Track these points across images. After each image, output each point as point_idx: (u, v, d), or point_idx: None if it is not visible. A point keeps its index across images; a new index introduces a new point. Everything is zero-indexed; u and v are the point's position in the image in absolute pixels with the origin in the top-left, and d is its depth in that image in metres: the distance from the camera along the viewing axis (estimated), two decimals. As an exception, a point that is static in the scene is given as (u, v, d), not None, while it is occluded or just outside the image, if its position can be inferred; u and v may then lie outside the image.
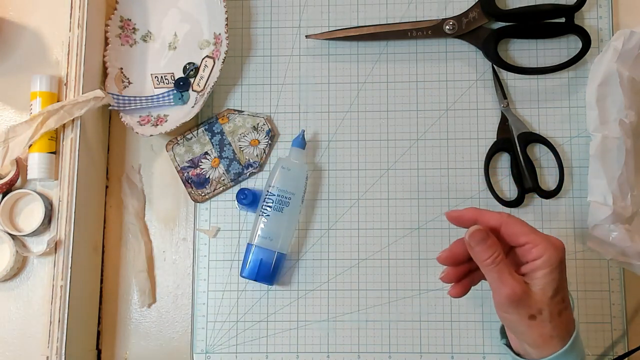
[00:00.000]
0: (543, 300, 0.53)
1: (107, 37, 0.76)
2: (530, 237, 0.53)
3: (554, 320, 0.53)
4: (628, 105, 0.69)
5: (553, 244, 0.53)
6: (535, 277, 0.53)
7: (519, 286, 0.52)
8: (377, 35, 0.74)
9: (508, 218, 0.54)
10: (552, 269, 0.52)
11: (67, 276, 0.65)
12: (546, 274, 0.52)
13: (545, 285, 0.53)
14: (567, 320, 0.54)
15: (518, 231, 0.54)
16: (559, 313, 0.53)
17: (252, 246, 0.70)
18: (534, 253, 0.53)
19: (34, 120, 0.65)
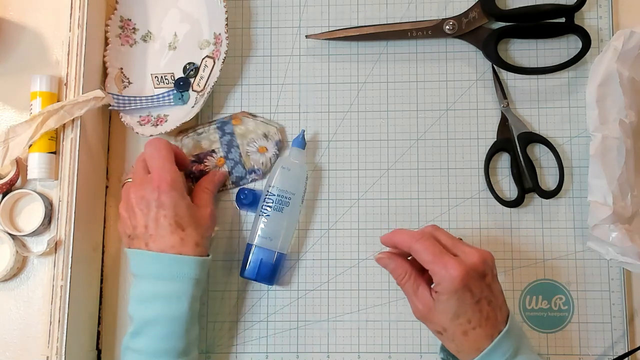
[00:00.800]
0: (444, 321, 0.58)
1: (107, 37, 0.76)
2: (430, 265, 0.58)
3: (457, 339, 0.58)
4: (628, 105, 0.69)
5: (448, 275, 0.56)
6: (438, 300, 0.58)
7: (420, 306, 0.59)
8: (377, 35, 0.74)
9: (416, 242, 0.59)
10: (449, 297, 0.57)
11: (67, 276, 0.65)
12: (445, 300, 0.57)
13: (445, 309, 0.58)
14: (476, 338, 0.58)
15: (422, 259, 0.58)
16: (464, 333, 0.58)
17: (252, 246, 0.70)
18: (434, 279, 0.58)
19: (34, 120, 0.65)
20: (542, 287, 0.71)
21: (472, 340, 0.58)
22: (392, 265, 0.61)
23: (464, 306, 0.57)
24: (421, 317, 0.60)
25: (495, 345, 0.57)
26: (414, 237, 0.59)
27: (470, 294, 0.57)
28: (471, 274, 0.57)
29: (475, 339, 0.58)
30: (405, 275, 0.61)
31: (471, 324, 0.58)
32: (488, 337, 0.58)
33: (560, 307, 0.71)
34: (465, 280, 0.57)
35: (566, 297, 0.71)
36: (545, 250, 0.72)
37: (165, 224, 0.63)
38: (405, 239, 0.60)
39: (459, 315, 0.57)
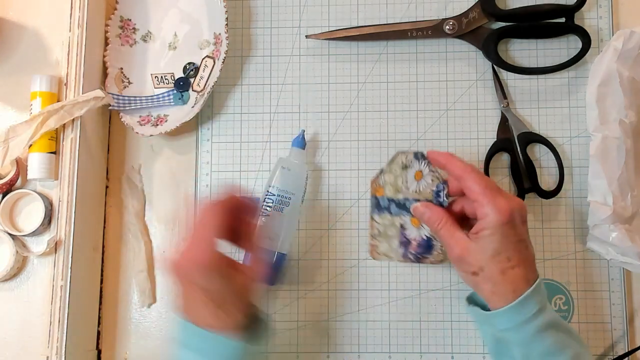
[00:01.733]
0: (483, 258, 0.57)
1: (107, 37, 0.76)
2: (479, 197, 0.58)
3: (494, 277, 0.57)
4: (628, 105, 0.69)
5: (497, 208, 0.57)
6: (479, 237, 0.58)
7: (456, 247, 0.59)
8: (377, 35, 0.74)
9: (469, 173, 0.59)
10: (493, 231, 0.57)
11: (67, 276, 0.65)
12: (487, 235, 0.57)
13: (485, 245, 0.57)
14: (514, 279, 0.57)
15: (471, 188, 0.58)
16: (502, 271, 0.57)
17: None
18: (479, 213, 0.58)
19: (34, 120, 0.65)
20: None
21: (509, 281, 0.57)
22: (428, 213, 0.62)
23: (506, 243, 0.57)
24: (457, 258, 0.59)
25: (533, 290, 0.56)
26: (466, 167, 0.59)
27: (514, 232, 0.57)
28: (516, 213, 0.57)
29: (513, 279, 0.57)
30: (441, 221, 0.61)
31: (510, 262, 0.57)
32: (525, 280, 0.57)
33: (560, 307, 0.71)
34: (511, 216, 0.57)
35: (566, 297, 0.71)
36: (545, 250, 0.72)
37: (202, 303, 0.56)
38: (458, 165, 0.60)
39: (500, 252, 0.57)
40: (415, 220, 0.69)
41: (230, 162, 0.75)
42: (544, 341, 0.56)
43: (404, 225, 0.69)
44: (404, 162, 0.68)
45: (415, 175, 0.68)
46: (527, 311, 0.56)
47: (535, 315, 0.56)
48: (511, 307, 0.56)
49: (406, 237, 0.69)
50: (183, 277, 0.56)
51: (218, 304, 0.56)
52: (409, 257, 0.68)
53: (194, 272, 0.55)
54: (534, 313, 0.56)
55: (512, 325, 0.57)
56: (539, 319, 0.56)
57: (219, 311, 0.56)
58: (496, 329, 0.58)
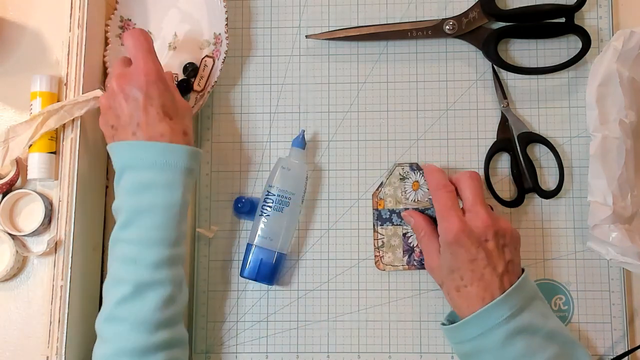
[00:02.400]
0: (442, 274, 0.63)
1: (107, 37, 0.76)
2: (437, 215, 0.64)
3: (451, 294, 0.62)
4: (628, 105, 0.69)
5: (444, 228, 0.62)
6: (440, 253, 0.63)
7: (429, 258, 0.65)
8: (377, 35, 0.74)
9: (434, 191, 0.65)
10: (444, 249, 0.62)
11: (67, 276, 0.65)
12: (442, 252, 0.63)
13: (443, 262, 0.63)
14: (467, 297, 0.60)
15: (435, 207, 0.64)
16: (457, 289, 0.61)
17: (252, 246, 0.70)
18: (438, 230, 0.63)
19: (34, 120, 0.65)
20: (542, 287, 0.71)
21: (463, 298, 0.61)
22: (413, 222, 0.68)
23: (457, 262, 0.61)
24: (428, 268, 0.66)
25: (487, 309, 0.58)
26: (438, 184, 0.65)
27: (464, 251, 0.60)
28: (467, 233, 0.60)
29: (466, 297, 0.60)
30: (423, 231, 0.66)
31: (463, 281, 0.60)
32: (479, 298, 0.59)
33: (560, 307, 0.71)
34: (457, 237, 0.60)
35: (566, 297, 0.71)
36: (545, 250, 0.72)
37: (154, 113, 0.62)
38: (430, 180, 0.66)
39: (453, 270, 0.61)
40: None
41: (230, 162, 0.75)
42: (515, 346, 0.58)
43: (406, 234, 0.71)
44: (401, 174, 0.71)
45: (412, 185, 0.71)
46: (489, 322, 0.58)
47: (500, 324, 0.58)
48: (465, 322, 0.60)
49: (409, 245, 0.71)
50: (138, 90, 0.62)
51: (167, 114, 0.63)
52: (413, 264, 0.71)
53: (147, 82, 0.62)
54: (498, 322, 0.58)
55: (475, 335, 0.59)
56: (510, 323, 0.58)
57: (168, 121, 0.62)
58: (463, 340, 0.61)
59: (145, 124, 0.61)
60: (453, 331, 0.62)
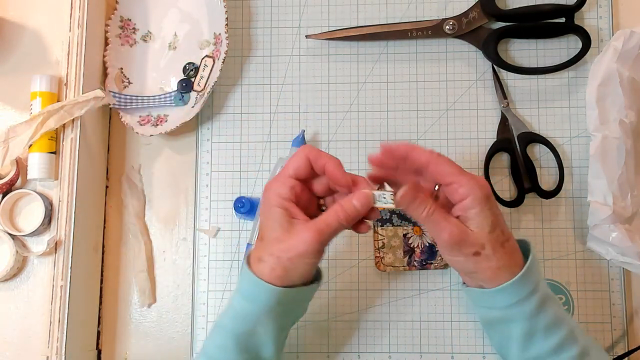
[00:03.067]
0: (482, 236, 0.55)
1: (107, 37, 0.76)
2: (456, 177, 0.55)
3: (497, 252, 0.55)
4: (628, 105, 0.69)
5: (477, 182, 0.55)
6: (469, 217, 0.55)
7: (455, 229, 0.55)
8: (377, 35, 0.74)
9: (437, 157, 0.56)
10: (482, 207, 0.55)
11: (67, 276, 0.65)
12: (478, 212, 0.55)
13: (481, 222, 0.55)
14: (511, 250, 0.56)
15: (444, 171, 0.56)
16: (502, 244, 0.56)
17: (252, 246, 0.70)
18: (460, 193, 0.55)
19: (34, 120, 0.65)
20: (542, 287, 0.71)
21: (509, 253, 0.56)
22: (419, 199, 0.56)
23: (495, 216, 0.56)
24: (456, 241, 0.55)
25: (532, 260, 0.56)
26: (432, 152, 0.57)
27: (496, 205, 0.56)
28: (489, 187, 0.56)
29: (511, 250, 0.56)
30: (431, 207, 0.56)
31: (504, 234, 0.56)
32: (518, 251, 0.57)
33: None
34: (489, 190, 0.56)
35: (566, 297, 0.71)
36: (545, 250, 0.72)
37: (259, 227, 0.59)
38: (422, 152, 0.57)
39: (495, 225, 0.56)
40: (417, 229, 0.71)
41: (230, 162, 0.75)
42: (547, 313, 0.56)
43: (406, 234, 0.71)
44: None
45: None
46: (531, 282, 0.56)
47: (537, 288, 0.56)
48: (518, 280, 0.55)
49: (410, 246, 0.70)
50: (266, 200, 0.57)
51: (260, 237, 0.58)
52: (414, 264, 0.71)
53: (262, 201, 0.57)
54: (535, 284, 0.56)
55: (518, 299, 0.56)
56: (540, 291, 0.56)
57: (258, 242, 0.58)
58: (498, 308, 0.57)
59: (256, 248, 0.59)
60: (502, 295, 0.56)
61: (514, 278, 0.55)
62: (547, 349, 0.56)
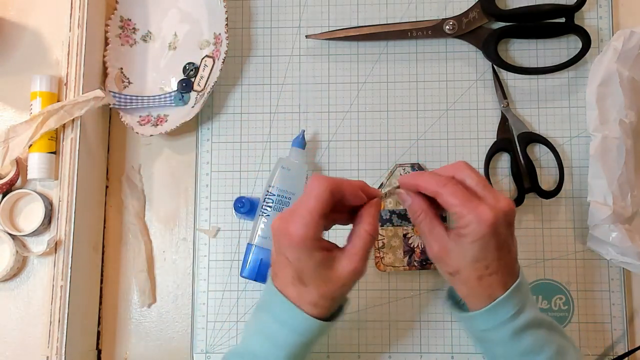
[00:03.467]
0: (461, 263, 0.56)
1: (107, 37, 0.76)
2: (457, 209, 0.55)
3: (470, 282, 0.56)
4: (628, 105, 0.69)
5: (478, 219, 0.54)
6: (459, 242, 0.56)
7: (435, 246, 0.57)
8: (377, 35, 0.74)
9: (443, 187, 0.56)
10: (473, 240, 0.55)
11: (67, 276, 0.65)
12: (468, 242, 0.55)
13: (466, 252, 0.56)
14: (489, 285, 0.56)
15: (450, 202, 0.56)
16: (479, 278, 0.56)
17: (252, 246, 0.70)
18: (460, 223, 0.56)
19: (34, 120, 0.65)
20: (542, 287, 0.71)
21: (485, 286, 0.56)
22: (410, 201, 0.59)
23: (485, 252, 0.56)
24: (435, 257, 0.58)
25: (508, 295, 0.56)
26: (440, 182, 0.56)
27: (496, 239, 0.55)
28: (500, 220, 0.55)
29: (489, 284, 0.56)
30: (422, 214, 0.58)
31: (488, 270, 0.56)
32: (501, 285, 0.56)
33: (560, 307, 0.71)
34: (494, 226, 0.55)
35: (566, 297, 0.71)
36: (545, 250, 0.72)
37: (288, 273, 0.56)
38: (430, 182, 0.57)
39: (479, 259, 0.56)
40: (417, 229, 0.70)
41: (230, 162, 0.75)
42: (522, 341, 0.56)
43: (406, 234, 0.71)
44: (402, 174, 0.70)
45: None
46: (503, 314, 0.56)
47: (513, 318, 0.56)
48: (486, 311, 0.56)
49: (410, 246, 0.70)
50: (276, 245, 0.57)
51: (300, 280, 0.56)
52: (414, 264, 0.71)
53: (285, 244, 0.55)
54: (511, 315, 0.56)
55: (490, 326, 0.57)
56: (516, 321, 0.56)
57: (300, 286, 0.56)
58: (475, 329, 0.59)
59: (282, 277, 0.57)
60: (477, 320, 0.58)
61: (481, 309, 0.56)
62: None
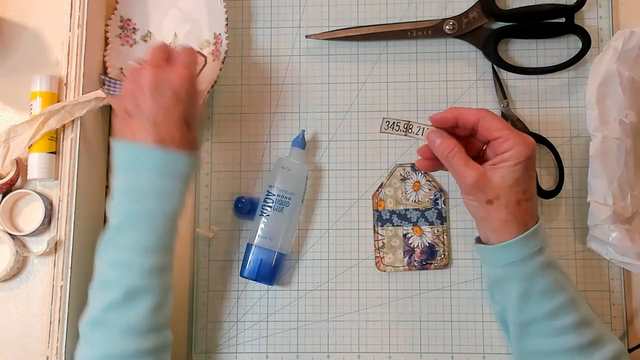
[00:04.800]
0: (501, 187, 0.59)
1: (107, 37, 0.76)
2: (503, 132, 0.59)
3: (510, 207, 0.59)
4: (628, 105, 0.69)
5: (523, 140, 0.59)
6: (499, 167, 0.59)
7: (474, 173, 0.59)
8: (377, 35, 0.74)
9: (486, 114, 0.60)
10: (517, 162, 0.58)
11: (67, 276, 0.65)
12: (510, 165, 0.58)
13: (505, 175, 0.59)
14: (526, 211, 0.59)
15: (493, 126, 0.59)
16: (517, 202, 0.59)
17: (252, 246, 0.70)
18: (504, 146, 0.59)
19: (35, 120, 0.65)
20: (542, 287, 0.71)
21: (522, 212, 0.59)
22: (441, 139, 0.61)
23: (525, 176, 0.59)
24: (472, 185, 0.59)
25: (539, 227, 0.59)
26: (481, 110, 0.61)
27: (532, 167, 0.60)
28: (535, 149, 0.60)
29: (525, 210, 0.59)
30: (453, 149, 0.61)
31: (525, 194, 0.59)
32: (534, 214, 0.60)
33: (560, 307, 0.71)
34: (534, 150, 0.59)
35: (566, 297, 0.71)
36: (545, 250, 0.72)
37: (175, 117, 0.61)
38: (471, 111, 0.61)
39: (520, 183, 0.59)
40: (417, 229, 0.71)
41: (230, 162, 0.75)
42: (545, 278, 0.59)
43: (406, 234, 0.71)
44: (402, 175, 0.71)
45: (413, 185, 0.70)
46: (533, 245, 0.59)
47: (540, 252, 0.59)
48: (521, 239, 0.59)
49: (410, 246, 0.71)
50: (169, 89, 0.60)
51: (188, 125, 0.62)
52: (414, 264, 0.71)
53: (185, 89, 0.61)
54: (539, 248, 0.59)
55: (518, 257, 0.59)
56: (542, 256, 0.59)
57: (186, 131, 0.61)
58: (500, 264, 0.60)
59: (163, 124, 0.60)
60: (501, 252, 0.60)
61: (518, 237, 0.58)
62: (541, 313, 0.59)
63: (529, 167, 0.59)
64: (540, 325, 0.59)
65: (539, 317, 0.59)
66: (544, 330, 0.58)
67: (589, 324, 0.59)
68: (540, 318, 0.59)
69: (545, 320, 0.58)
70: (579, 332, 0.58)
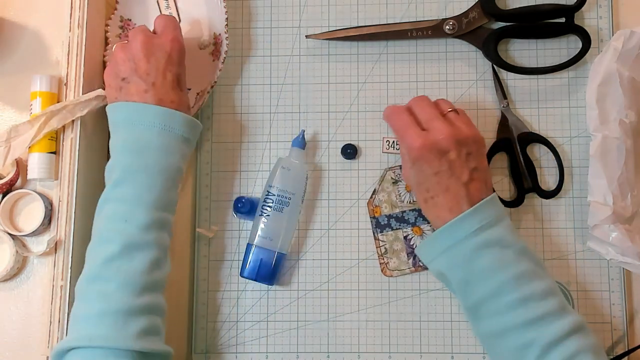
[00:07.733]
0: (412, 186, 0.65)
1: (107, 37, 0.76)
2: (398, 134, 0.65)
3: (420, 205, 0.65)
4: (628, 105, 0.69)
5: (410, 144, 0.62)
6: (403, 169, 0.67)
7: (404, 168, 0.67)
8: (377, 35, 0.74)
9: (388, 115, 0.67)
10: (410, 165, 0.64)
11: (67, 276, 0.65)
12: (408, 168, 0.65)
13: (410, 175, 0.65)
14: (434, 207, 0.62)
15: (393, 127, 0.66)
16: (425, 200, 0.63)
17: (252, 246, 0.70)
18: (401, 149, 0.66)
19: (36, 120, 0.65)
20: (542, 287, 0.71)
21: (431, 209, 0.63)
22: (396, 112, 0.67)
23: (422, 176, 0.63)
24: (404, 177, 0.68)
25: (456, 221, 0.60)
26: (392, 112, 0.66)
27: (428, 166, 0.62)
28: (429, 148, 0.61)
29: (434, 208, 0.62)
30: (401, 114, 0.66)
31: (429, 193, 0.62)
32: (447, 209, 0.61)
33: (560, 307, 0.71)
34: (420, 152, 0.61)
35: (566, 297, 0.71)
36: (545, 250, 0.72)
37: (170, 78, 0.64)
38: (385, 113, 0.68)
39: (420, 183, 0.63)
40: (416, 229, 0.71)
41: (230, 162, 0.75)
42: (483, 258, 0.59)
43: (407, 236, 0.71)
44: (393, 178, 0.71)
45: (405, 187, 0.70)
46: (458, 234, 0.59)
47: (469, 237, 0.59)
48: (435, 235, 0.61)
49: (412, 247, 0.71)
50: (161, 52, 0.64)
51: (181, 87, 0.66)
52: (419, 265, 0.71)
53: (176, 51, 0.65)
54: (467, 234, 0.59)
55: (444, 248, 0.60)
56: (478, 237, 0.59)
57: (180, 92, 0.65)
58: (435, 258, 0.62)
59: (161, 85, 0.63)
60: (425, 247, 0.63)
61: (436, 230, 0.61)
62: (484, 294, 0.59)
63: (422, 169, 0.62)
64: (486, 306, 0.59)
65: (483, 298, 0.59)
66: (491, 310, 0.58)
67: (542, 298, 0.58)
68: (485, 298, 0.59)
69: (489, 300, 0.58)
70: (526, 307, 0.57)
